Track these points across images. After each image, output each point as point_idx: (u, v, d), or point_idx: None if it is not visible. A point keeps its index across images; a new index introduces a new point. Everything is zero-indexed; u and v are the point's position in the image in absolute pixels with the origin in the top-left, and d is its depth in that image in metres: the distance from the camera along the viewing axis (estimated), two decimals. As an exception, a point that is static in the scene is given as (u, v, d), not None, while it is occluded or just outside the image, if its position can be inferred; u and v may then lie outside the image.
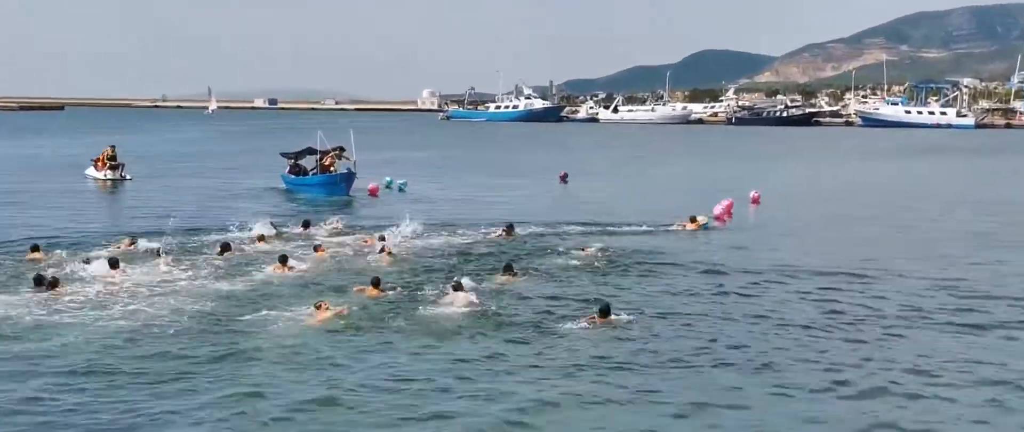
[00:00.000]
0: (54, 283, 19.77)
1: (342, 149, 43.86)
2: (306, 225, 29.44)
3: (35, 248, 24.36)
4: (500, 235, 28.20)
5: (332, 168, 43.12)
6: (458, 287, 19.72)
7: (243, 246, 25.91)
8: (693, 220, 30.88)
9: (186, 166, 60.44)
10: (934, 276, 22.99)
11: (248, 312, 18.14)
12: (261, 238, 26.86)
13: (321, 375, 14.34)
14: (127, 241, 25.88)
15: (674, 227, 30.67)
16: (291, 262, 22.82)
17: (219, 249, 24.76)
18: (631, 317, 18.13)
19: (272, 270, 22.41)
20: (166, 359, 15.10)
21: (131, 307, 18.48)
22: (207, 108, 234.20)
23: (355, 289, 20.17)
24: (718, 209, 34.11)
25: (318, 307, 18.06)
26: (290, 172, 45.14)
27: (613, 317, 17.89)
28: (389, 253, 24.54)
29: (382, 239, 26.45)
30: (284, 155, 46.25)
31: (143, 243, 25.62)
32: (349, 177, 42.38)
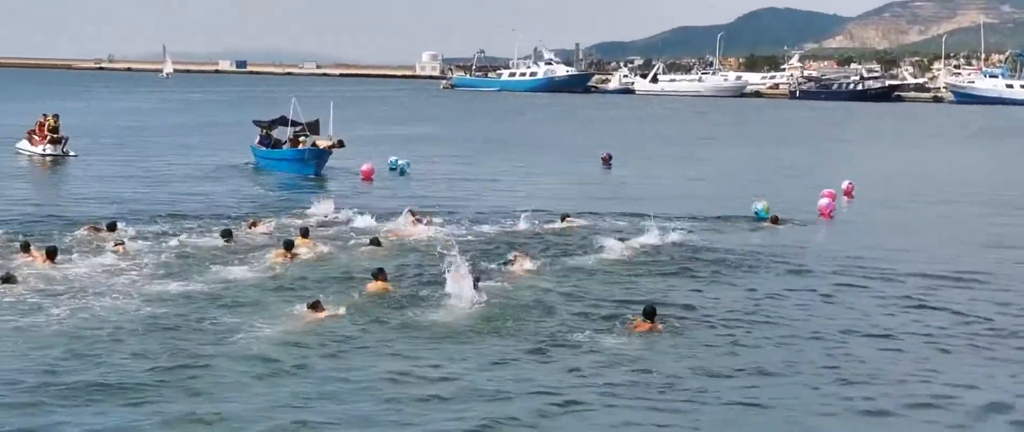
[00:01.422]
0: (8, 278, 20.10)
1: (316, 123, 45.23)
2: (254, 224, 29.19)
3: None
4: (557, 226, 29.21)
5: (319, 143, 44.13)
6: (478, 281, 20.09)
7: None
8: (775, 220, 31.20)
9: (138, 141, 60.53)
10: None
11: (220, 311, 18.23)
12: (253, 224, 28.03)
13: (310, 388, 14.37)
14: (95, 225, 26.94)
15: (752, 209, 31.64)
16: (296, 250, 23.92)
17: (221, 235, 25.79)
18: (680, 323, 18.36)
19: (274, 257, 23.32)
20: (123, 370, 15.08)
21: (74, 306, 18.59)
22: (161, 70, 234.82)
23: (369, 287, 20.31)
24: (823, 203, 34.16)
25: (313, 307, 18.34)
26: (260, 143, 46.43)
27: (659, 324, 18.04)
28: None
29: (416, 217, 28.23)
30: (257, 123, 48.05)
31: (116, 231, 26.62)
32: (319, 154, 43.50)
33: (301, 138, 44.58)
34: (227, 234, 25.84)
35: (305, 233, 25.88)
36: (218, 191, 37.76)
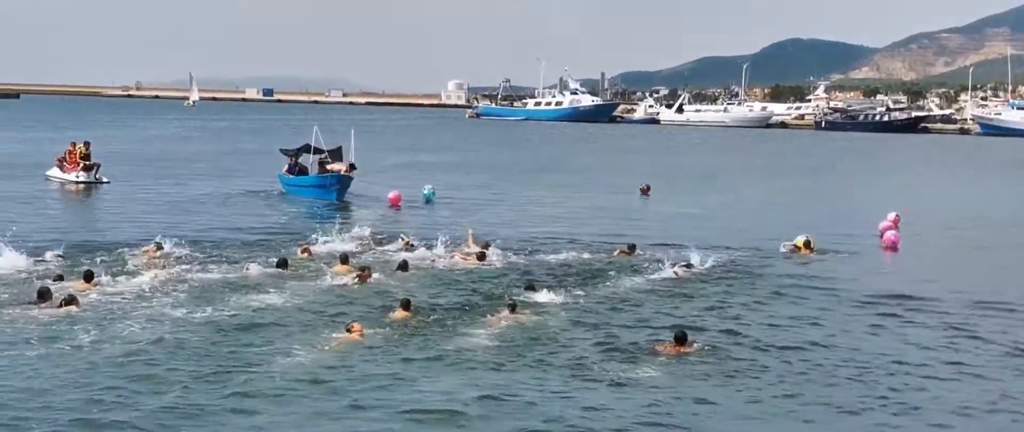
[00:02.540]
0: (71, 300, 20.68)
1: (338, 150, 46.54)
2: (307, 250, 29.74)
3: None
4: (622, 253, 29.90)
5: (331, 168, 45.20)
6: (513, 308, 21.03)
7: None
8: (807, 245, 31.63)
9: (168, 169, 61.14)
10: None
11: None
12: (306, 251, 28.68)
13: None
14: (152, 247, 28.10)
15: (781, 249, 31.78)
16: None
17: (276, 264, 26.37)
18: (710, 347, 18.87)
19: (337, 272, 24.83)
20: (162, 393, 15.60)
21: (110, 330, 19.17)
22: (188, 99, 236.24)
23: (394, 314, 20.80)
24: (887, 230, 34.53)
25: (350, 329, 18.98)
26: (288, 171, 47.39)
27: (691, 347, 18.55)
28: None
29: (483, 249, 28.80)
30: (284, 152, 49.21)
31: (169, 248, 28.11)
32: (343, 180, 44.53)
33: (327, 165, 45.52)
34: (283, 263, 26.32)
35: (345, 260, 26.55)
36: (247, 217, 38.58)
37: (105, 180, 49.36)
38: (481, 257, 27.89)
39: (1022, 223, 44.36)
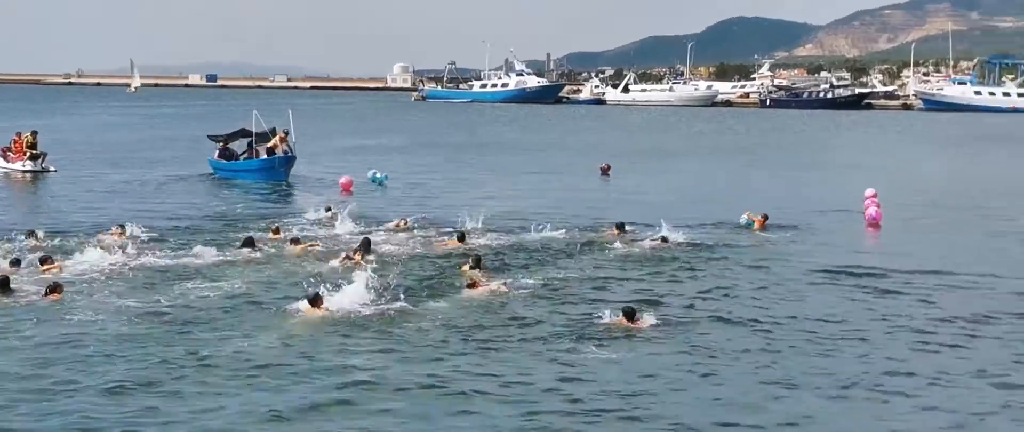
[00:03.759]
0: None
1: (287, 133, 46.76)
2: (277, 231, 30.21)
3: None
4: (612, 233, 30.09)
5: (278, 151, 45.84)
6: (472, 285, 21.66)
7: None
8: (764, 220, 32.43)
9: (115, 156, 60.86)
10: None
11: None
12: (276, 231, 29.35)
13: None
14: (116, 230, 28.58)
15: (742, 220, 32.62)
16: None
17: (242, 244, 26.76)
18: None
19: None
20: (121, 372, 15.93)
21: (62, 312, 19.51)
22: (129, 85, 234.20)
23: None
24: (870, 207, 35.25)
25: (314, 302, 19.45)
26: (219, 156, 48.11)
27: (642, 322, 19.12)
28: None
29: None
30: (212, 138, 50.37)
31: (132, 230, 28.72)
32: (288, 161, 45.65)
33: (257, 147, 46.70)
34: (250, 242, 26.69)
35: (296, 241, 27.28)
36: (201, 201, 38.97)
37: (52, 169, 49.22)
38: (461, 238, 28.21)
39: (986, 197, 44.76)
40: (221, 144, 48.47)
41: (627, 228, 30.54)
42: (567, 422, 14.28)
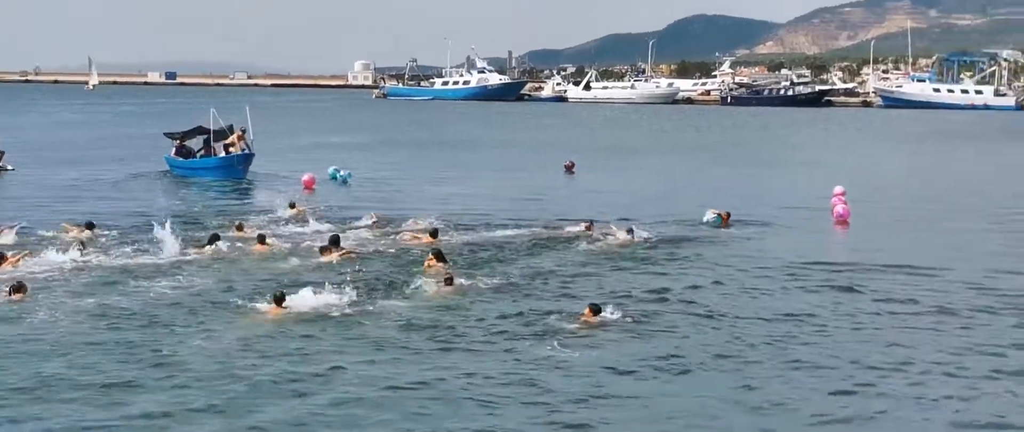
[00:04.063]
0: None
1: (244, 131, 47.08)
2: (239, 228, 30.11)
3: None
4: (583, 229, 29.95)
5: (236, 148, 46.14)
6: (450, 281, 21.79)
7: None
8: (727, 217, 32.67)
9: (73, 153, 60.64)
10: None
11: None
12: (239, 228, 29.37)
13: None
14: (80, 227, 28.74)
15: (707, 217, 32.61)
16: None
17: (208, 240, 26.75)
18: (619, 315, 19.51)
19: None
20: (87, 370, 15.85)
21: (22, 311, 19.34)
22: (88, 82, 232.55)
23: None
24: (840, 209, 35.26)
25: (278, 301, 19.48)
26: (176, 154, 48.09)
27: (605, 316, 19.25)
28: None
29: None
30: (168, 135, 50.00)
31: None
32: (247, 159, 45.83)
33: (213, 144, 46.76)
34: (214, 239, 26.64)
35: (262, 240, 27.07)
36: (163, 199, 38.95)
37: (10, 167, 48.90)
38: (434, 235, 28.19)
39: (949, 194, 45.14)
40: (178, 141, 48.45)
41: (595, 224, 30.57)
42: (529, 418, 14.30)
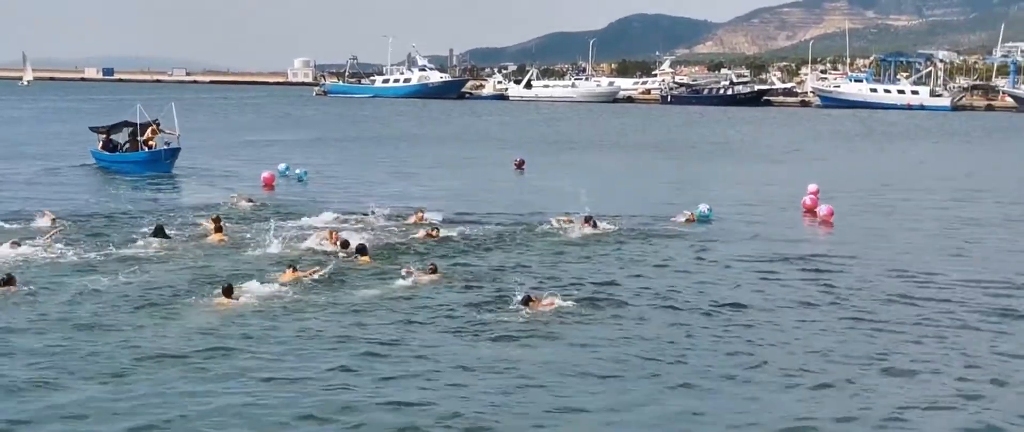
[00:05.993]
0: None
1: (158, 123, 47.87)
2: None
3: None
4: (583, 226, 29.91)
5: (150, 144, 46.89)
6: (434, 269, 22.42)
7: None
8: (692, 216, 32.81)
9: (10, 149, 60.01)
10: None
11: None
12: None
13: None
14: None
15: (678, 219, 32.64)
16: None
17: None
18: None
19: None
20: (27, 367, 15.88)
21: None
22: (22, 79, 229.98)
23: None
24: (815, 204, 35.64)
25: (227, 292, 19.73)
26: (103, 148, 48.52)
27: (545, 305, 19.68)
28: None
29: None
30: (94, 129, 50.32)
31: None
32: (173, 153, 46.61)
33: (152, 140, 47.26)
34: (160, 232, 26.60)
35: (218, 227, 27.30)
36: (101, 194, 38.72)
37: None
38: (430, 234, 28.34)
39: (892, 191, 45.57)
40: (103, 135, 48.76)
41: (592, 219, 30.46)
42: (486, 405, 14.57)
